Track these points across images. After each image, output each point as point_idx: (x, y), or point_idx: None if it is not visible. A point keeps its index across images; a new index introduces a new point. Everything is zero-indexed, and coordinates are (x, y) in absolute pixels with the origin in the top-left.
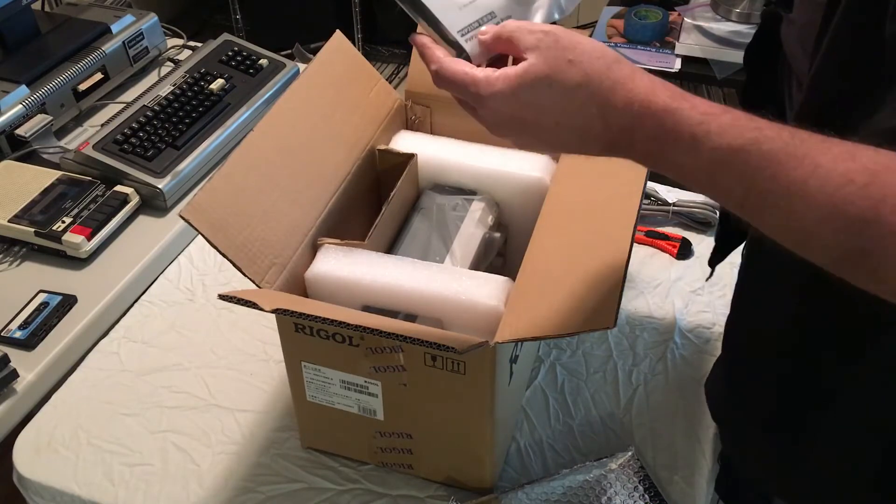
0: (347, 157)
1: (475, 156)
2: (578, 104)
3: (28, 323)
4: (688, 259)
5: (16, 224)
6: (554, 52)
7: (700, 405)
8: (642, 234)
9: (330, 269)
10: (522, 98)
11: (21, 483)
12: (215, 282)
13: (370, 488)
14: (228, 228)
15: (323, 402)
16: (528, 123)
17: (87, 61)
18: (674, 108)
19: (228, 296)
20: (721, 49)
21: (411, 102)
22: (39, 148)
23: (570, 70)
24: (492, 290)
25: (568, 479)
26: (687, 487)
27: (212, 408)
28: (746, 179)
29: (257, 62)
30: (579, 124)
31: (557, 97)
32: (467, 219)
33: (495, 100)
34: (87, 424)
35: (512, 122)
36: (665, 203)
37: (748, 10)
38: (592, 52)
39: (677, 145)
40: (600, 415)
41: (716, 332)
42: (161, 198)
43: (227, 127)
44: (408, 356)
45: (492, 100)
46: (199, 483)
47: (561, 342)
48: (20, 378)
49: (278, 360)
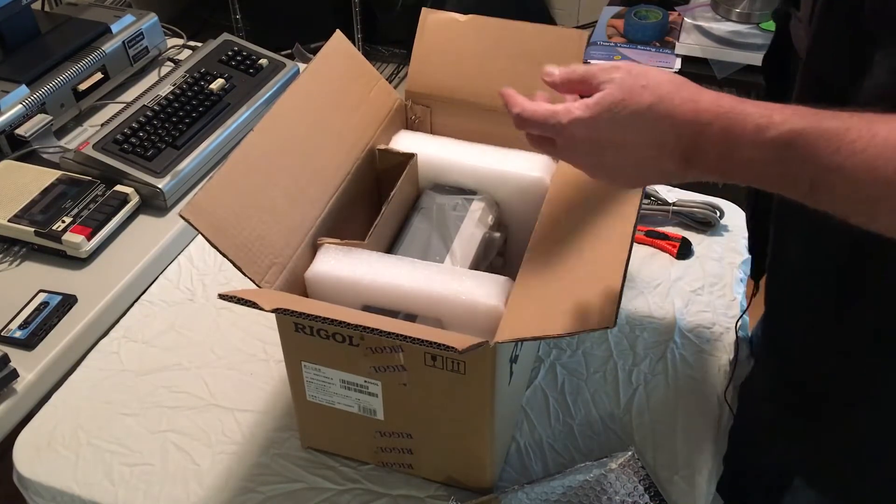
0: (347, 157)
1: (475, 156)
2: (652, 121)
3: (28, 323)
4: (688, 259)
5: (16, 224)
6: (628, 81)
7: (700, 405)
8: (642, 234)
9: (330, 269)
10: (600, 122)
11: (21, 483)
12: (215, 282)
13: (370, 488)
14: (228, 228)
15: (323, 401)
16: (606, 146)
17: (87, 61)
18: (738, 108)
19: (228, 295)
20: (721, 49)
21: (411, 102)
22: (39, 148)
23: (643, 93)
24: (492, 290)
25: (568, 479)
26: (687, 487)
27: (212, 408)
28: (811, 158)
29: (257, 62)
30: (654, 139)
31: (632, 118)
32: (467, 219)
33: (575, 125)
34: (87, 424)
35: (590, 145)
36: (665, 203)
37: (748, 10)
38: (662, 77)
39: (743, 139)
40: (600, 415)
41: (716, 331)
42: (161, 198)
43: (227, 127)
44: (408, 356)
45: (571, 126)
46: (199, 483)
47: (561, 342)
48: (20, 378)
49: (278, 359)
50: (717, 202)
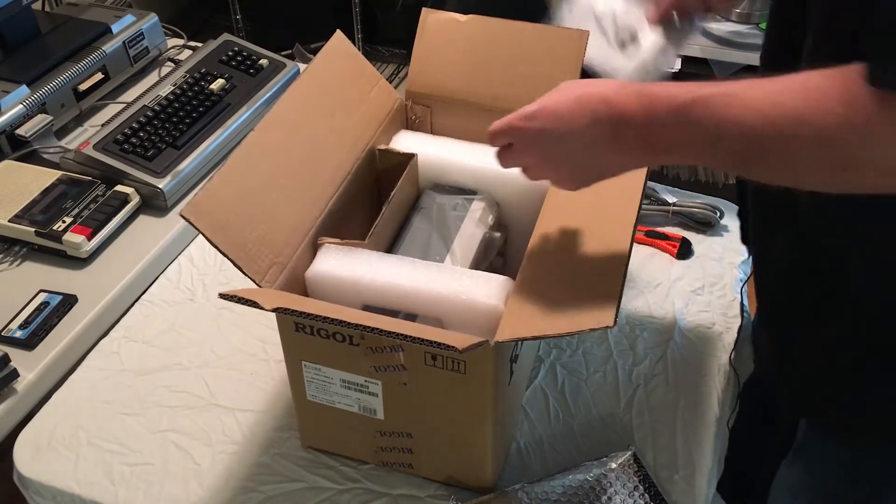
0: (347, 157)
1: (475, 156)
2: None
3: (28, 323)
4: (688, 259)
5: (16, 224)
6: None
7: (700, 405)
8: (642, 234)
9: (330, 269)
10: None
11: (21, 482)
12: (215, 281)
13: (370, 488)
14: (229, 228)
15: (323, 401)
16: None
17: (88, 61)
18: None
19: (229, 295)
20: (721, 49)
21: (411, 102)
22: (40, 148)
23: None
24: (492, 289)
25: (568, 478)
26: (687, 487)
27: (212, 407)
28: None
29: (257, 62)
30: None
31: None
32: (467, 219)
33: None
34: (88, 424)
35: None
36: (665, 203)
37: (748, 10)
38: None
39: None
40: (600, 415)
41: (716, 331)
42: (161, 198)
43: (227, 127)
44: (408, 355)
45: (519, 122)
46: (200, 483)
47: (561, 342)
48: (20, 378)
49: (278, 359)
50: (717, 202)
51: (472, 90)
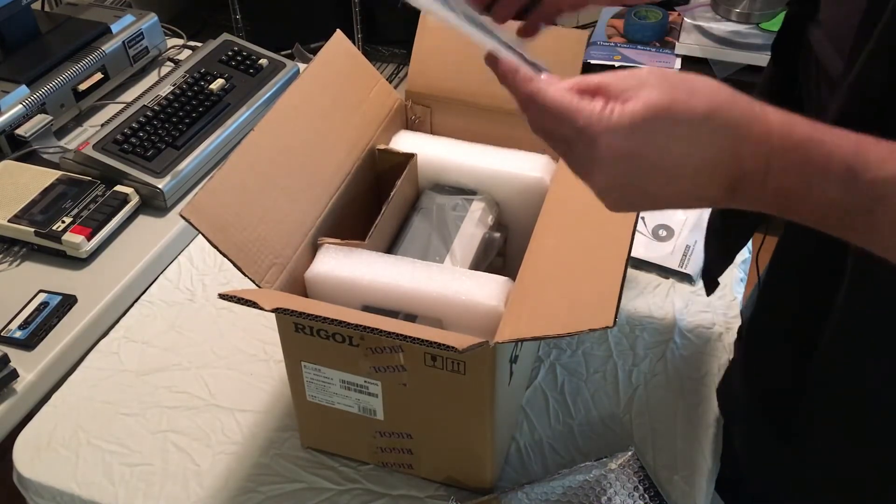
0: (347, 157)
1: (475, 156)
2: (707, 136)
3: (28, 323)
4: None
5: (16, 224)
6: (669, 85)
7: (700, 405)
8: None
9: (330, 269)
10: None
11: (21, 483)
12: (215, 282)
13: (370, 488)
14: (229, 228)
15: (323, 401)
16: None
17: (87, 61)
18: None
19: (229, 295)
20: (721, 49)
21: (411, 102)
22: (39, 148)
23: (693, 101)
24: (492, 290)
25: (568, 479)
26: (687, 487)
27: (212, 408)
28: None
29: (257, 62)
30: (708, 157)
31: (684, 131)
32: (467, 219)
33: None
34: (87, 424)
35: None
36: None
37: (748, 11)
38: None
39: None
40: (600, 415)
41: (716, 332)
42: (161, 198)
43: (227, 127)
44: (408, 356)
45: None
46: (199, 483)
47: (561, 342)
48: (20, 378)
49: (278, 360)
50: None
51: (472, 90)
